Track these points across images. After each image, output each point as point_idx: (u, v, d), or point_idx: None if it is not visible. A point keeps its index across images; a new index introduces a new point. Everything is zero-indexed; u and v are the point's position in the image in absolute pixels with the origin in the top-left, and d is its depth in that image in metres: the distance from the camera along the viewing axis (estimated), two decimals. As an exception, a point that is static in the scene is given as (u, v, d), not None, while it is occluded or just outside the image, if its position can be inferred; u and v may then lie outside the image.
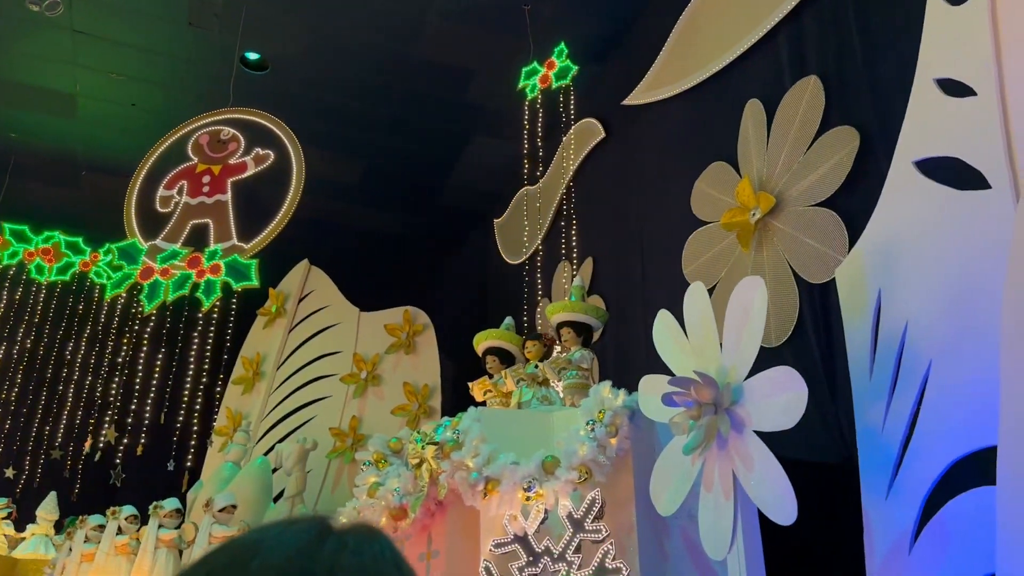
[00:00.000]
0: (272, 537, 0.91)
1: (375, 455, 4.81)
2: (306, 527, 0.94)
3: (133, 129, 10.15)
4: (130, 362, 7.62)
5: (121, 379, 7.55)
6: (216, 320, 7.16)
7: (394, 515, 4.34)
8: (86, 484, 8.19)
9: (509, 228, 11.02)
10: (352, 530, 0.95)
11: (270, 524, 0.96)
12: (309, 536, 0.91)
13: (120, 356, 7.59)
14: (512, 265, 10.60)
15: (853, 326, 3.52)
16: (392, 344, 9.20)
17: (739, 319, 3.26)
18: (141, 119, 10.15)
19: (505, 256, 10.95)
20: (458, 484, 4.05)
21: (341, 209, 11.94)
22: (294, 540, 0.90)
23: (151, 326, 7.29)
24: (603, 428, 3.91)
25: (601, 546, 3.66)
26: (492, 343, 5.30)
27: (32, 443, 9.17)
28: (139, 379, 7.57)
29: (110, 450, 7.79)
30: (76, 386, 8.84)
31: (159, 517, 6.67)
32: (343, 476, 8.75)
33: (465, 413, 4.32)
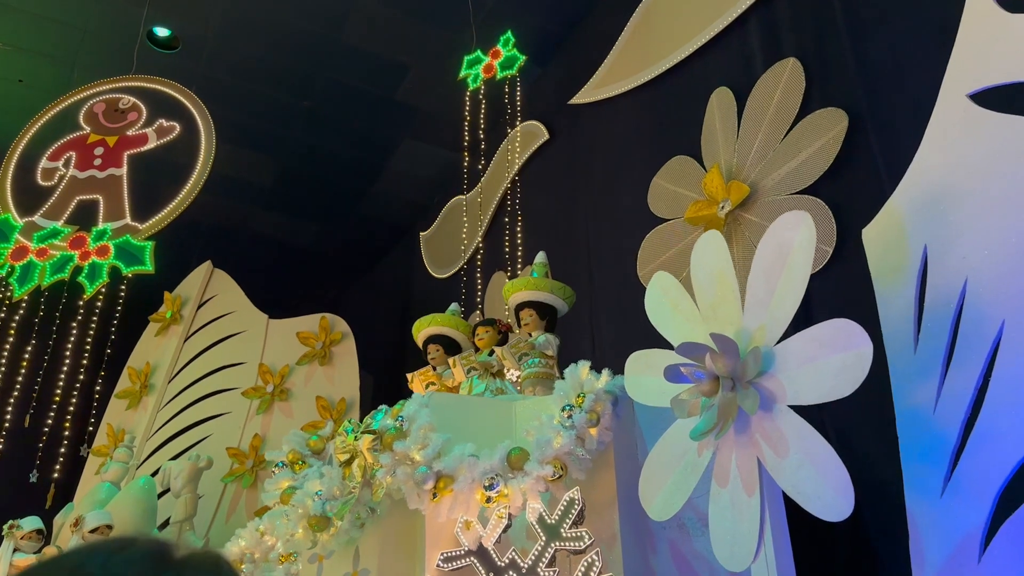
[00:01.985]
0: (97, 565, 0.77)
1: (290, 455, 3.96)
2: (140, 555, 0.81)
3: (18, 109, 8.95)
4: (-11, 354, 6.46)
5: (-23, 376, 6.39)
6: (100, 309, 6.12)
7: (314, 525, 3.49)
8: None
9: (437, 241, 10.30)
10: (193, 561, 0.82)
11: (98, 545, 0.82)
12: (142, 568, 0.79)
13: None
14: (439, 279, 9.87)
15: (889, 294, 2.95)
16: (304, 354, 8.27)
17: (770, 268, 2.64)
18: (29, 98, 8.97)
19: (432, 270, 10.20)
20: (400, 483, 3.25)
21: (249, 213, 10.97)
22: (123, 570, 0.77)
23: (20, 314, 6.18)
24: (583, 415, 3.21)
25: (583, 557, 2.93)
26: (435, 330, 4.56)
27: None
28: (0, 374, 6.41)
29: (-43, 458, 6.54)
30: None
31: (15, 539, 5.52)
32: (240, 502, 7.70)
33: (408, 399, 3.54)
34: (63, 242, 6.03)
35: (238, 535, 5.02)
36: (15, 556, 5.48)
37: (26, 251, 6.02)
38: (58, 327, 6.23)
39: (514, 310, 4.31)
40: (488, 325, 4.41)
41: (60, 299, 6.23)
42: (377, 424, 3.37)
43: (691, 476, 2.90)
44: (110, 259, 5.98)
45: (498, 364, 4.23)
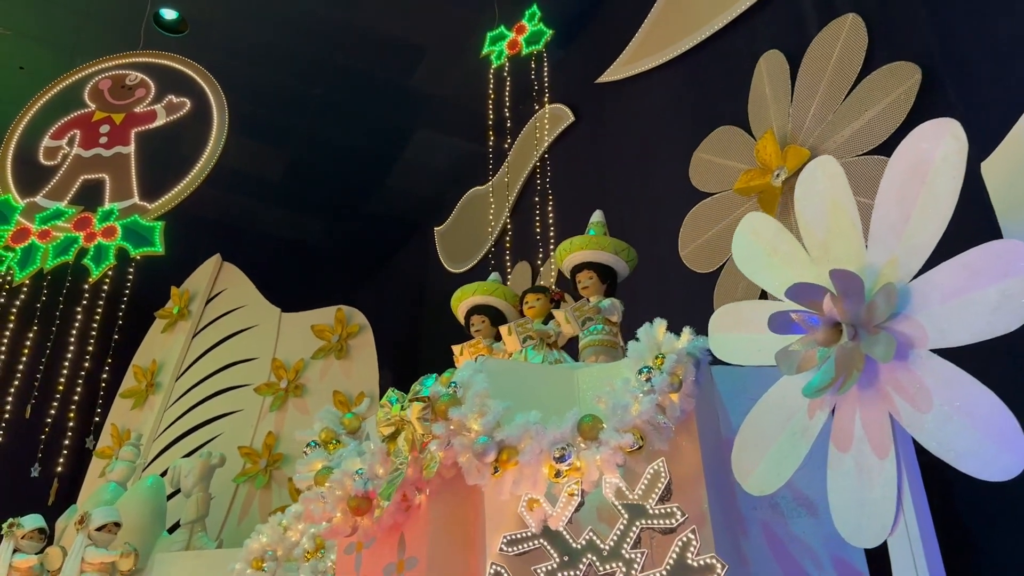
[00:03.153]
0: None
1: (323, 433, 3.56)
2: None
3: (20, 99, 8.57)
4: (-11, 341, 6.05)
5: (-24, 364, 5.97)
6: (106, 293, 5.73)
7: (355, 508, 3.08)
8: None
9: (453, 235, 9.91)
10: None
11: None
12: None
13: (-24, 334, 6.02)
14: (456, 274, 9.48)
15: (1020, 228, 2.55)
16: (320, 348, 7.87)
17: (904, 189, 2.25)
18: (30, 86, 8.58)
19: (448, 266, 9.81)
20: (456, 455, 2.85)
21: (257, 209, 10.58)
22: None
23: (21, 298, 5.79)
24: (663, 377, 2.81)
25: (678, 536, 2.52)
26: (479, 300, 4.17)
27: None
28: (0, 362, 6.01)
29: (-48, 451, 6.11)
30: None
31: (15, 538, 5.09)
32: (254, 504, 7.28)
33: (459, 367, 3.14)
34: (67, 223, 5.66)
35: (258, 531, 4.61)
36: (15, 557, 5.06)
37: (28, 233, 5.65)
38: (62, 313, 5.83)
39: (570, 273, 3.91)
40: (539, 292, 4.01)
41: (64, 283, 5.84)
42: (427, 391, 2.97)
43: (800, 442, 2.50)
44: (117, 240, 5.61)
45: (556, 333, 3.84)
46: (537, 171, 7.02)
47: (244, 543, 4.57)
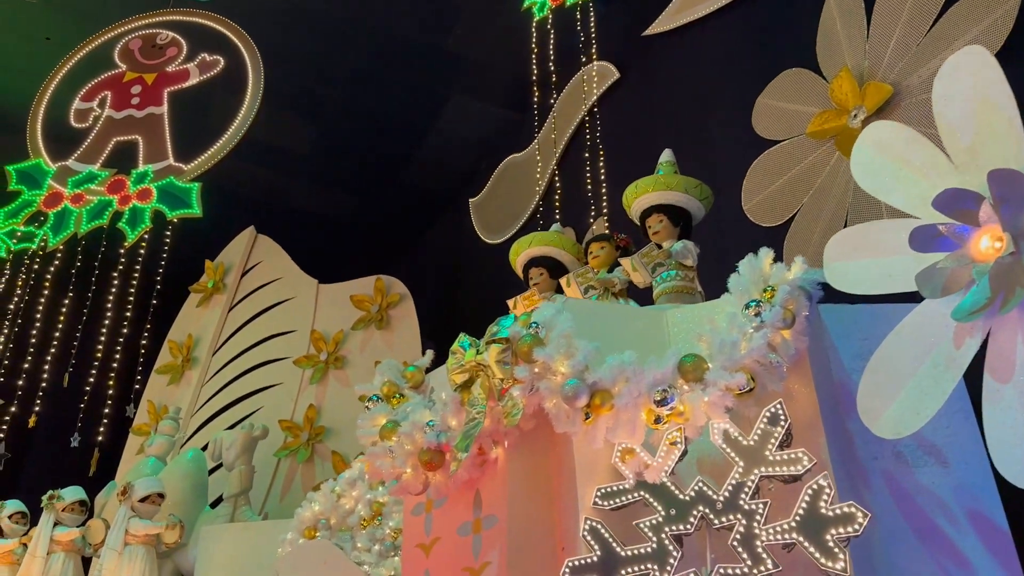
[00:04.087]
0: None
1: (385, 387, 3.29)
2: None
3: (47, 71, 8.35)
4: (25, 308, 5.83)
5: (11, 330, 5.75)
6: (143, 257, 5.50)
7: (427, 462, 2.81)
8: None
9: (489, 205, 9.58)
10: None
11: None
12: None
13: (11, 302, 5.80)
14: (493, 245, 9.18)
15: None
16: (360, 319, 7.63)
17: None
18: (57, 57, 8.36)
19: (484, 237, 9.49)
20: (542, 401, 2.56)
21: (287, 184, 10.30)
22: None
23: (55, 264, 5.57)
24: (775, 311, 2.50)
25: (807, 483, 2.22)
26: (539, 251, 3.88)
27: None
28: (35, 330, 5.79)
29: (-9, 421, 5.92)
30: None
31: (56, 511, 4.89)
32: (296, 478, 7.07)
33: (539, 307, 2.85)
34: (100, 186, 5.45)
35: (310, 499, 4.38)
36: (57, 530, 4.86)
37: (60, 197, 5.44)
38: (97, 278, 5.61)
39: (639, 219, 3.61)
40: (603, 240, 3.72)
41: (99, 248, 5.62)
42: (506, 332, 2.68)
43: (945, 376, 2.18)
44: (153, 203, 5.39)
45: (621, 282, 3.53)
46: (586, 126, 6.68)
47: (295, 512, 4.33)
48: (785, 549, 2.21)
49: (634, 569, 2.33)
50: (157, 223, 5.35)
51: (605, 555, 2.39)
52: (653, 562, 2.32)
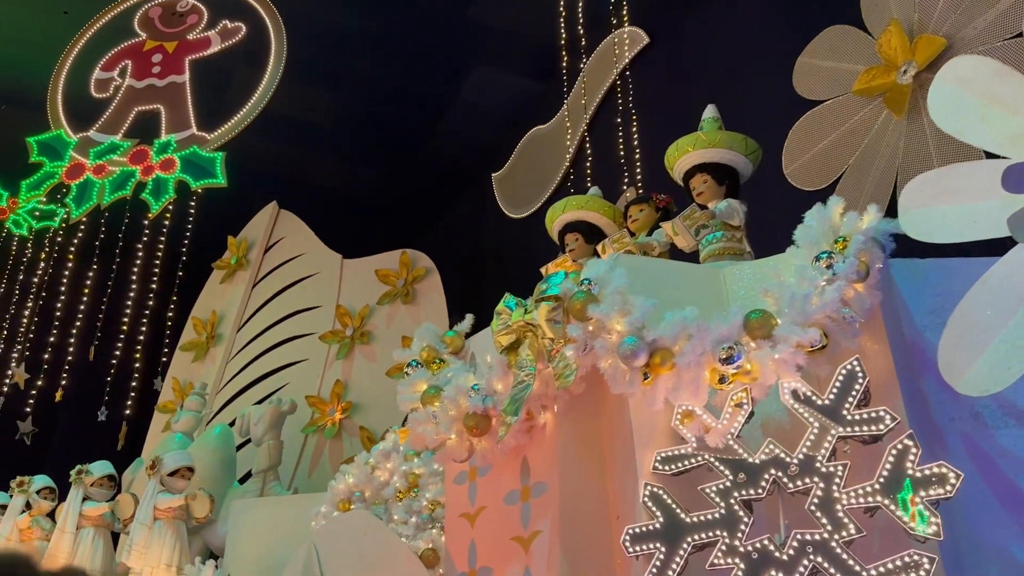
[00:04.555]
0: None
1: (425, 352, 3.15)
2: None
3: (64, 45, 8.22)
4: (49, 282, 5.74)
5: (36, 304, 5.66)
6: (168, 228, 5.38)
7: (473, 428, 2.67)
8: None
9: (513, 179, 9.39)
10: None
11: None
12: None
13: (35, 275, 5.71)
14: (516, 220, 9.00)
15: None
16: (385, 293, 7.50)
17: None
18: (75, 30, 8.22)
19: (508, 211, 9.30)
20: (597, 360, 2.42)
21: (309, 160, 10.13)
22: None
23: (79, 237, 5.47)
24: (849, 263, 2.33)
25: (890, 444, 2.06)
26: (574, 216, 3.73)
27: None
28: (60, 303, 5.69)
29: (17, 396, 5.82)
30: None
31: (84, 486, 4.82)
32: (324, 455, 6.98)
33: (588, 263, 2.69)
34: (123, 157, 5.34)
35: (344, 472, 4.28)
36: (86, 505, 4.78)
37: (82, 168, 5.34)
38: (122, 250, 5.50)
39: (683, 179, 3.44)
40: (642, 203, 3.56)
41: (123, 219, 5.51)
42: (556, 289, 2.53)
43: (1041, 326, 2.01)
44: (176, 173, 5.28)
45: (661, 245, 3.37)
46: (618, 90, 6.48)
47: (328, 485, 4.23)
48: (867, 513, 2.06)
49: (701, 536, 2.19)
50: (181, 194, 5.22)
51: (668, 522, 2.25)
52: (722, 528, 2.17)
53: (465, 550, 2.89)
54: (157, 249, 5.52)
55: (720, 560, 2.14)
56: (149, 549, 4.49)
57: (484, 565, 2.79)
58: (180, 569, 4.48)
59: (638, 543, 2.26)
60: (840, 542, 2.01)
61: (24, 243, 6.98)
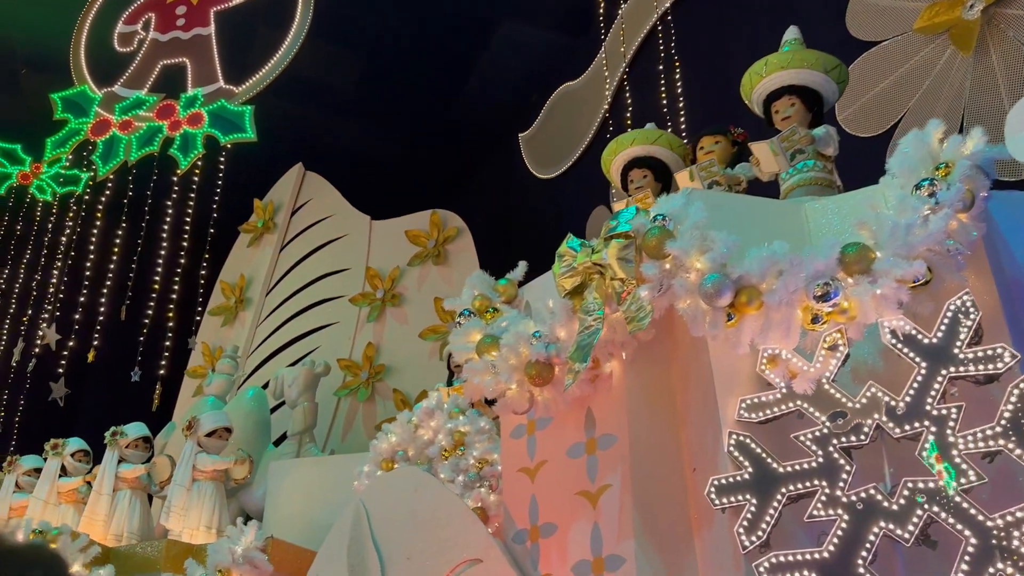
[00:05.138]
0: None
1: (477, 301, 2.98)
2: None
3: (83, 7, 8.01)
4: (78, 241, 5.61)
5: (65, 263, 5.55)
6: (198, 184, 5.23)
7: (535, 376, 2.51)
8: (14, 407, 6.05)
9: (542, 139, 9.15)
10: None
11: None
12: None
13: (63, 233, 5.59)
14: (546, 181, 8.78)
15: None
16: (416, 255, 7.34)
17: None
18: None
19: (536, 172, 9.07)
20: (674, 301, 2.23)
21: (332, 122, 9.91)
22: None
23: (107, 194, 5.33)
24: (955, 190, 2.13)
25: (1010, 383, 1.87)
26: (639, 151, 3.51)
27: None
28: (89, 263, 5.57)
29: (49, 357, 5.73)
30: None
31: (119, 448, 4.72)
32: (357, 417, 6.87)
33: (660, 198, 2.50)
34: (149, 112, 5.18)
35: (386, 431, 4.14)
36: (121, 467, 4.69)
37: (108, 125, 5.19)
38: (151, 207, 5.36)
39: (763, 105, 3.22)
40: (717, 134, 3.34)
41: (151, 176, 5.36)
42: (628, 226, 2.34)
43: None
44: (204, 128, 5.12)
45: (747, 179, 3.17)
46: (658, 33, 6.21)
47: (370, 444, 4.10)
48: (986, 459, 1.88)
49: (797, 487, 2.02)
50: (210, 149, 5.06)
51: (758, 472, 2.08)
52: (820, 478, 2.00)
53: (525, 506, 2.74)
54: (187, 206, 5.36)
55: (820, 512, 1.97)
56: (188, 511, 4.40)
57: (548, 521, 2.64)
58: (220, 531, 4.39)
59: (725, 495, 2.09)
60: (959, 490, 1.83)
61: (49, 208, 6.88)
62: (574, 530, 2.54)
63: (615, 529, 2.41)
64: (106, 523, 4.47)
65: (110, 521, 4.50)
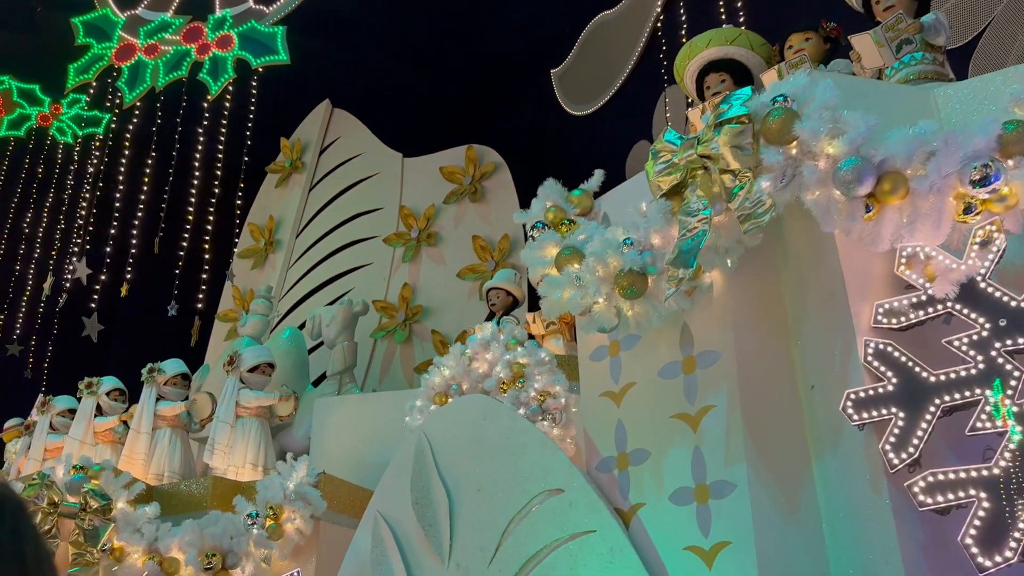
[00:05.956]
0: None
1: (551, 213, 2.72)
2: None
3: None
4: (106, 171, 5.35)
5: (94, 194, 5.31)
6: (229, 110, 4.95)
7: (627, 288, 2.24)
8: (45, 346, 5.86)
9: (576, 74, 8.77)
10: None
11: None
12: None
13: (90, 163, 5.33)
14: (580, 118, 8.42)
15: None
16: (451, 192, 7.04)
17: None
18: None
19: (570, 108, 8.71)
20: (804, 191, 1.96)
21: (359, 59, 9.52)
22: None
23: (134, 123, 5.06)
24: None
25: None
26: (718, 53, 3.19)
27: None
28: (120, 193, 5.33)
29: (80, 291, 5.53)
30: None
31: (157, 385, 4.53)
32: (395, 360, 6.65)
33: (778, 81, 2.20)
34: (176, 35, 4.87)
35: (439, 364, 3.89)
36: (160, 405, 4.50)
37: (133, 49, 4.90)
38: (181, 135, 5.08)
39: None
40: (809, 31, 3.02)
41: (180, 102, 5.08)
42: (743, 108, 2.05)
43: None
44: (235, 51, 4.83)
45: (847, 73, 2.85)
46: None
47: (422, 379, 3.86)
48: None
49: (954, 396, 1.76)
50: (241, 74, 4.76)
51: (905, 383, 1.82)
52: (982, 386, 1.74)
53: (610, 432, 2.51)
54: (219, 133, 5.08)
55: (985, 424, 1.71)
56: (233, 448, 4.22)
57: (638, 447, 2.40)
58: (267, 469, 4.21)
59: (864, 409, 1.84)
60: None
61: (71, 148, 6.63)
62: (671, 456, 2.30)
63: (721, 453, 2.17)
64: (145, 462, 4.30)
65: (150, 460, 4.33)
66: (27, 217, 7.75)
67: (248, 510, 3.32)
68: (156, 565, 3.25)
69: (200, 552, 3.23)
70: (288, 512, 3.31)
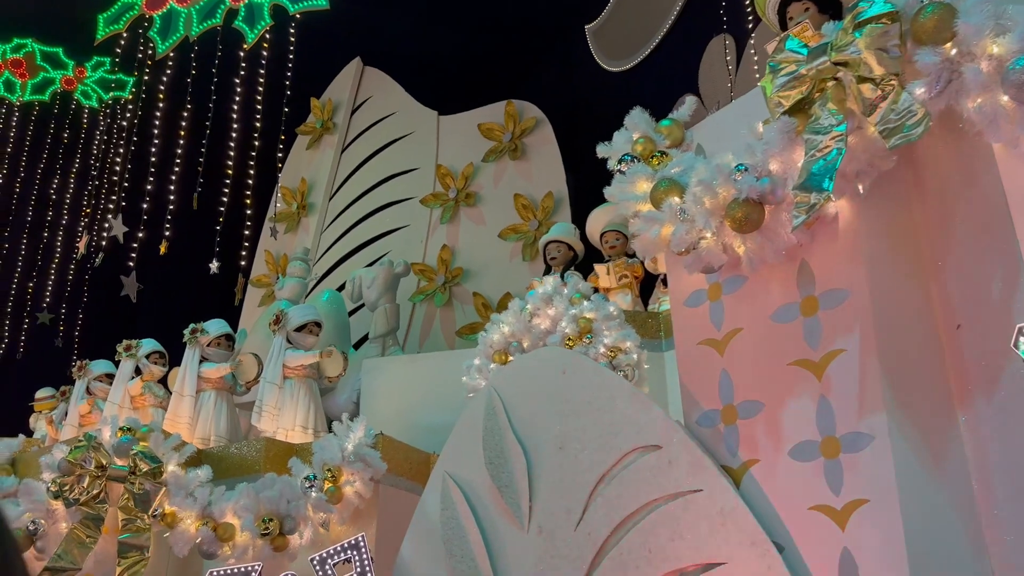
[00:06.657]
0: None
1: (640, 145, 2.48)
2: None
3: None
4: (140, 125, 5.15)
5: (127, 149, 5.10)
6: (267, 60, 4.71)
7: (742, 220, 2.00)
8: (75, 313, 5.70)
9: (610, 29, 8.43)
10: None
11: None
12: None
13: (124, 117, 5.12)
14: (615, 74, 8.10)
15: None
16: (490, 150, 6.80)
17: None
18: None
19: (605, 64, 8.37)
20: (963, 97, 1.70)
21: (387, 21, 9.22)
22: None
23: (168, 74, 4.84)
24: None
25: None
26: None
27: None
28: (155, 147, 5.12)
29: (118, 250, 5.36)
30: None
31: (200, 346, 4.34)
32: (435, 324, 6.45)
33: None
34: (210, -19, 4.59)
35: (497, 321, 3.68)
36: (203, 366, 4.32)
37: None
38: (217, 86, 4.86)
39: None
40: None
41: (215, 52, 4.85)
42: (887, 6, 1.78)
43: None
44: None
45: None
46: None
47: (479, 336, 3.65)
48: None
49: None
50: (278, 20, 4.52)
51: (1094, 314, 1.57)
52: None
53: (714, 384, 2.27)
54: (257, 83, 4.85)
55: None
56: (281, 410, 4.04)
57: (748, 399, 2.17)
58: (317, 431, 4.03)
59: (1046, 346, 1.59)
60: None
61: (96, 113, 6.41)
62: (791, 407, 2.07)
63: (854, 402, 1.93)
64: (190, 426, 4.12)
65: (195, 424, 4.16)
66: (54, 183, 7.59)
67: (305, 472, 3.13)
68: (210, 531, 3.09)
69: (256, 517, 3.05)
70: (347, 474, 3.12)
